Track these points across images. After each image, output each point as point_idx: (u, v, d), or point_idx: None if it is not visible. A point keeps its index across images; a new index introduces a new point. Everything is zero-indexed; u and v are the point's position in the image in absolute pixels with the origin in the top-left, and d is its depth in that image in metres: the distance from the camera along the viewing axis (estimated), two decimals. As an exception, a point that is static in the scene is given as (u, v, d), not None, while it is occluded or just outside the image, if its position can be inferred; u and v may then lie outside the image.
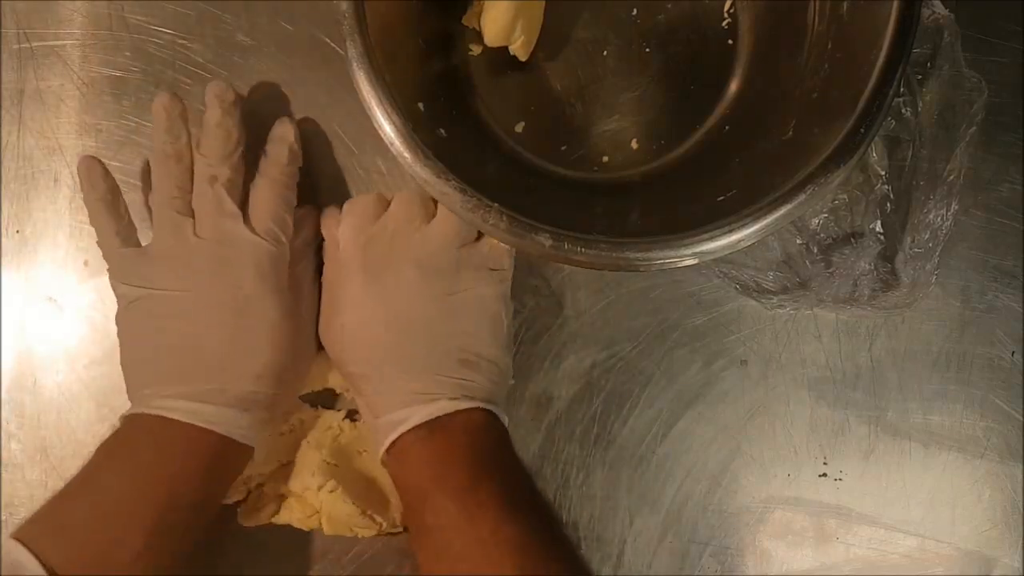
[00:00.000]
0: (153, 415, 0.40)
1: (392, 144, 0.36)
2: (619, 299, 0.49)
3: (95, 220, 0.43)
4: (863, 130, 0.36)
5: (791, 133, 0.41)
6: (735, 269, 0.48)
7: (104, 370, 0.48)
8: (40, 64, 0.48)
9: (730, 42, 0.47)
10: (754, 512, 0.49)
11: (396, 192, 0.44)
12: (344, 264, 0.43)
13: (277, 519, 0.45)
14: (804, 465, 0.50)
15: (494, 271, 0.43)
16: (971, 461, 0.50)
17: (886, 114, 0.37)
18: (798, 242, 0.47)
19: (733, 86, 0.47)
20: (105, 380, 0.48)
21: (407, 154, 0.36)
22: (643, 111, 0.47)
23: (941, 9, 0.46)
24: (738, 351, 0.49)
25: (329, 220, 0.45)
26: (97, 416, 0.48)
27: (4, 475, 0.48)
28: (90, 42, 0.48)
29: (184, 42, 0.48)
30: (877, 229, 0.47)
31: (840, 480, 0.50)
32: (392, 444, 0.41)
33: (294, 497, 0.45)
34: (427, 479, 0.40)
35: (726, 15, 0.47)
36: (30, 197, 0.48)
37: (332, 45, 0.48)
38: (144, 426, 0.40)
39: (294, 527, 0.45)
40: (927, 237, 0.46)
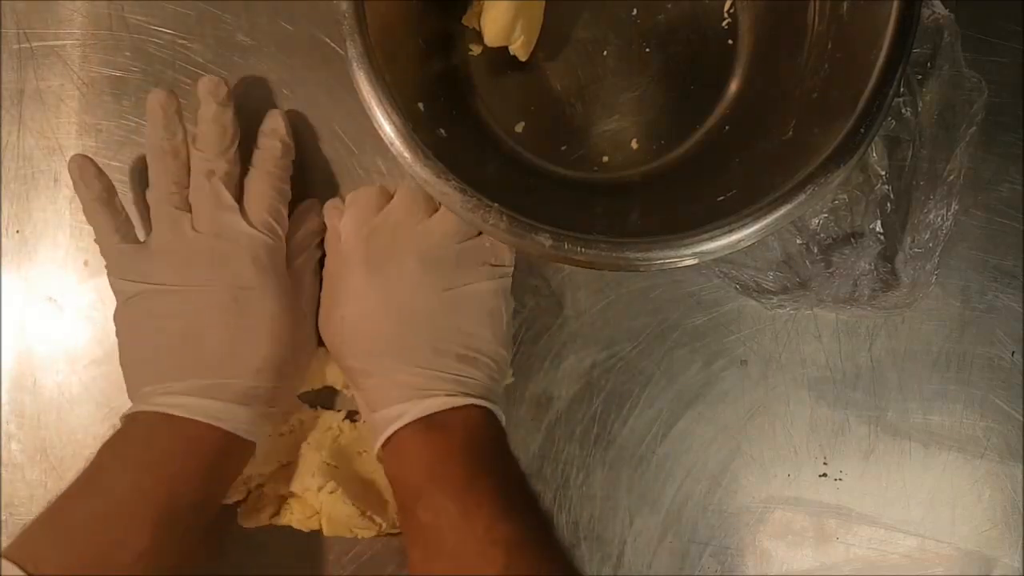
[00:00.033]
0: (154, 412, 0.40)
1: (392, 144, 0.36)
2: (619, 299, 0.49)
3: (92, 219, 0.43)
4: (863, 130, 0.36)
5: (791, 133, 0.41)
6: (735, 269, 0.48)
7: (104, 370, 0.48)
8: (40, 64, 0.48)
9: (730, 42, 0.47)
10: (754, 512, 0.49)
11: (399, 185, 0.44)
12: (346, 256, 0.43)
13: (277, 520, 0.45)
14: (804, 465, 0.50)
15: (495, 267, 0.43)
16: (971, 461, 0.50)
17: (886, 114, 0.37)
18: (798, 242, 0.47)
19: (733, 86, 0.47)
20: (105, 380, 0.48)
21: (407, 154, 0.36)
22: (643, 111, 0.47)
23: (941, 9, 0.46)
24: (738, 351, 0.49)
25: (332, 211, 0.45)
26: (97, 416, 0.48)
27: (4, 475, 0.48)
28: (90, 42, 0.48)
29: (184, 42, 0.48)
30: (877, 229, 0.47)
31: (840, 480, 0.50)
32: (388, 439, 0.41)
33: (294, 498, 0.45)
34: (424, 476, 0.39)
35: (726, 15, 0.47)
36: (30, 197, 0.48)
37: (332, 45, 0.48)
38: (145, 424, 0.40)
39: (294, 528, 0.45)
40: (927, 237, 0.46)
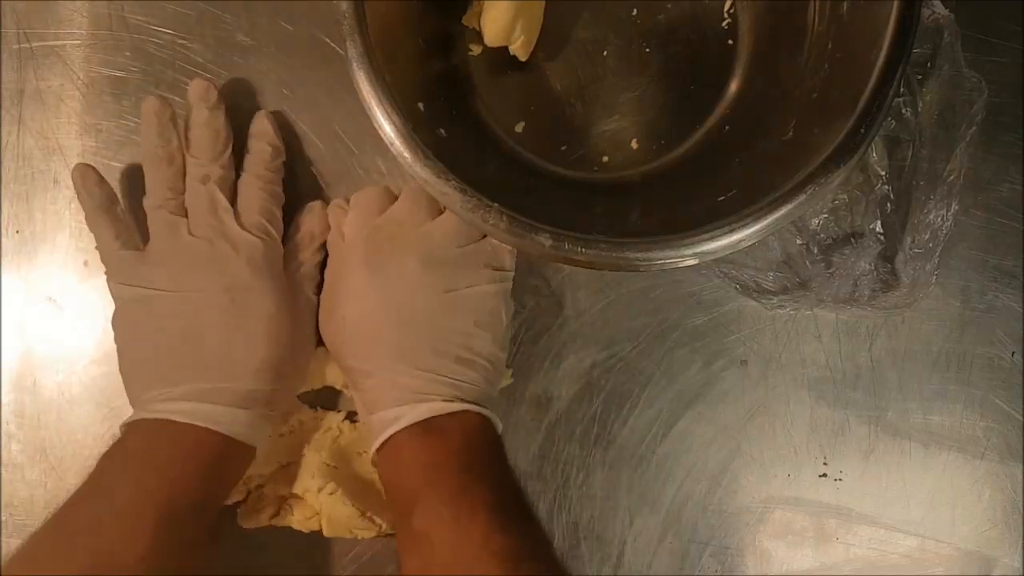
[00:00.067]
0: (154, 419, 0.40)
1: (392, 144, 0.36)
2: (619, 299, 0.49)
3: (93, 226, 0.43)
4: (863, 130, 0.36)
5: (791, 133, 0.41)
6: (735, 269, 0.48)
7: (104, 370, 0.48)
8: (40, 64, 0.48)
9: (730, 42, 0.47)
10: (754, 512, 0.49)
11: (404, 186, 0.44)
12: (347, 256, 0.43)
13: (277, 521, 0.45)
14: (804, 465, 0.50)
15: (496, 270, 0.43)
16: (971, 461, 0.50)
17: (886, 114, 0.37)
18: (798, 242, 0.47)
19: (733, 86, 0.47)
20: (105, 380, 0.48)
21: (407, 154, 0.36)
22: (643, 111, 0.47)
23: (941, 9, 0.46)
24: (738, 351, 0.49)
25: (336, 211, 0.45)
26: (97, 416, 0.48)
27: (4, 475, 0.48)
28: (90, 42, 0.48)
29: (184, 42, 0.48)
30: (877, 229, 0.47)
31: (840, 480, 0.50)
32: (384, 443, 0.41)
33: (294, 499, 0.45)
34: (420, 481, 0.39)
35: (726, 15, 0.47)
36: (30, 197, 0.48)
37: (332, 45, 0.48)
38: (145, 431, 0.40)
39: (294, 529, 0.45)
40: (927, 237, 0.46)
